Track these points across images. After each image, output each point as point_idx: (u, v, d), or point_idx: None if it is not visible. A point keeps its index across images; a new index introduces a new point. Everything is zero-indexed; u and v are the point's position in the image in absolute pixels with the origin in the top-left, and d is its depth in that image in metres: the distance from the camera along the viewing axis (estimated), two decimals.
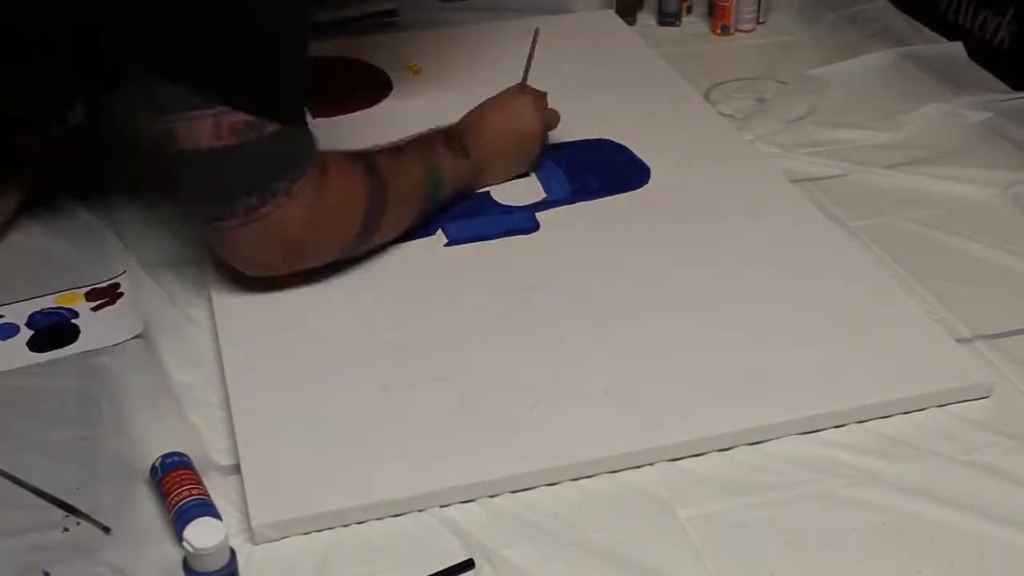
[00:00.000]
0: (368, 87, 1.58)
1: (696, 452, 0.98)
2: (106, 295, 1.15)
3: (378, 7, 1.83)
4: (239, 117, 1.01)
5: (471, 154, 1.27)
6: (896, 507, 0.93)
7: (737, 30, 1.81)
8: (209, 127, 1.01)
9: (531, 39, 1.35)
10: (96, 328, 1.11)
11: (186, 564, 0.81)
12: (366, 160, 1.15)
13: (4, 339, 1.09)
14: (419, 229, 1.24)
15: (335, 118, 1.49)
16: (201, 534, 0.80)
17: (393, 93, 1.57)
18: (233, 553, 0.82)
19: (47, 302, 1.14)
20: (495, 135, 1.30)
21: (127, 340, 1.09)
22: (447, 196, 1.26)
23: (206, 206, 1.08)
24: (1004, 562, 0.89)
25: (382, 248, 1.21)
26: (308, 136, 1.09)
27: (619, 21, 1.80)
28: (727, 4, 1.78)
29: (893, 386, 1.04)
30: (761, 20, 1.83)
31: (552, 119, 1.36)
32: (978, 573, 0.88)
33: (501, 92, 1.34)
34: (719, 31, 1.81)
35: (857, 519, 0.92)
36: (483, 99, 1.32)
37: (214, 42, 1.01)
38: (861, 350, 1.08)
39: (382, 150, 1.20)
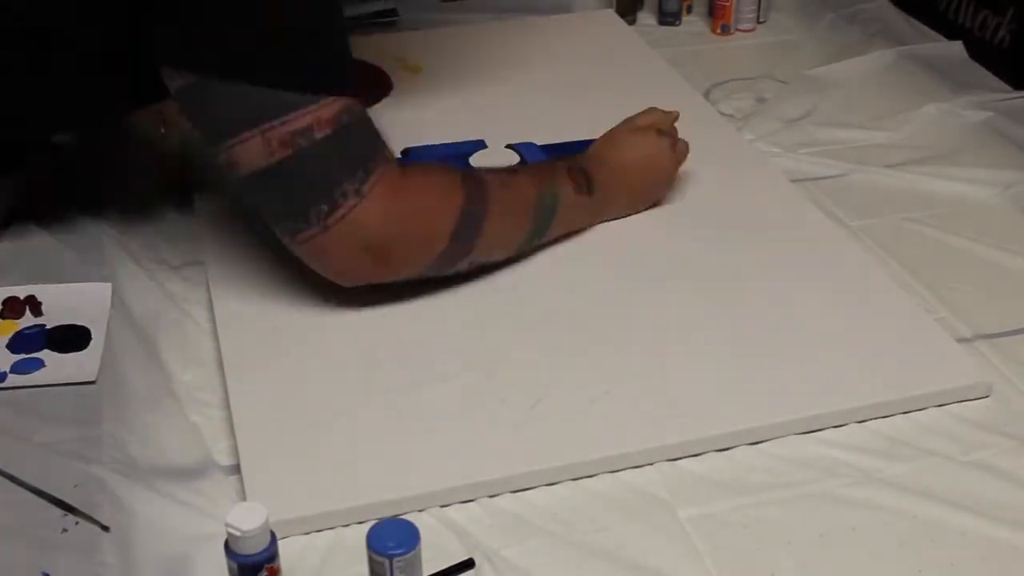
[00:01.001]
0: (368, 86, 1.58)
1: (696, 452, 0.98)
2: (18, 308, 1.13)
3: (378, 7, 1.83)
4: (287, 128, 0.99)
5: (594, 191, 1.21)
6: (896, 507, 0.93)
7: (737, 30, 1.81)
8: (260, 146, 1.00)
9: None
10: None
11: (227, 547, 0.81)
12: (466, 170, 1.11)
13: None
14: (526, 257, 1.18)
15: None
16: (243, 516, 0.80)
17: (393, 92, 1.57)
18: (274, 536, 0.82)
19: None
20: (627, 179, 1.24)
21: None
22: (560, 228, 1.20)
23: (282, 224, 1.06)
24: (1004, 562, 0.89)
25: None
26: (370, 136, 1.05)
27: (619, 21, 1.80)
28: (727, 4, 1.78)
29: (893, 386, 1.04)
30: (761, 20, 1.83)
31: (684, 151, 1.29)
32: (978, 573, 0.88)
33: (637, 124, 1.28)
34: (719, 31, 1.81)
35: (857, 519, 0.92)
36: (483, 99, 1.31)
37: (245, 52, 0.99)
38: (861, 350, 1.08)
39: (492, 167, 1.15)
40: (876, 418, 1.02)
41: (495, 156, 1.39)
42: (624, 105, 1.52)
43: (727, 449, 0.99)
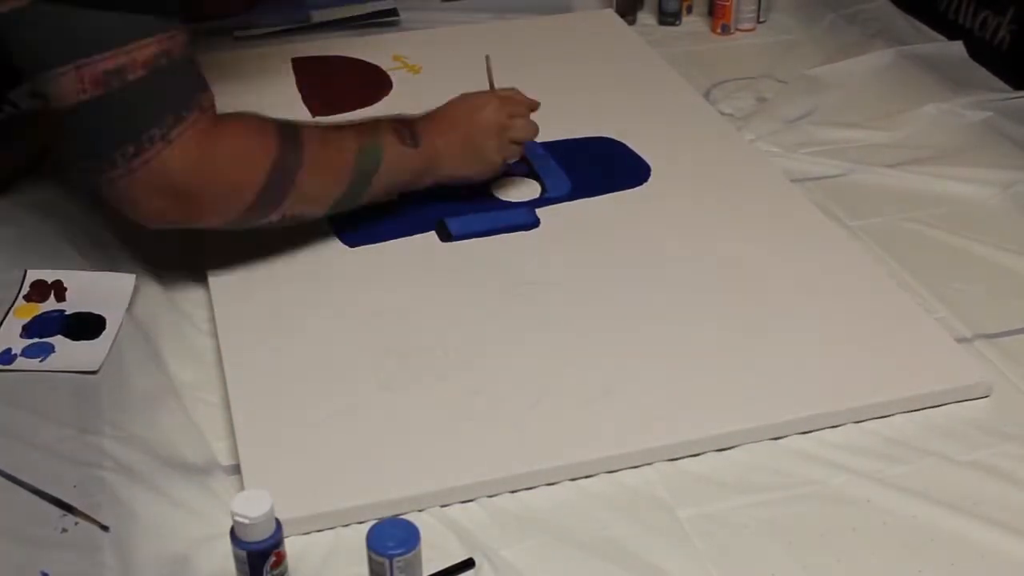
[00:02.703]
0: (367, 86, 1.58)
1: (695, 452, 0.98)
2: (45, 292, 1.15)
3: (378, 6, 1.83)
4: (100, 66, 0.99)
5: (420, 143, 1.21)
6: (896, 507, 0.93)
7: (737, 29, 1.81)
8: (73, 81, 1.00)
9: (486, 66, 1.33)
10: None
11: (233, 534, 0.81)
12: (284, 123, 1.11)
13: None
14: (350, 209, 1.19)
15: (335, 116, 1.49)
16: (248, 504, 0.81)
17: (392, 92, 1.57)
18: (279, 524, 0.83)
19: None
20: (446, 129, 1.24)
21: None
22: (385, 183, 1.19)
23: (88, 161, 1.05)
24: (1004, 562, 0.89)
25: (381, 246, 1.21)
26: (186, 81, 1.05)
27: (619, 20, 1.80)
28: (727, 3, 1.78)
29: (893, 386, 1.04)
30: (761, 19, 1.83)
31: (521, 128, 1.29)
32: (978, 573, 0.88)
33: (480, 91, 1.31)
34: (719, 30, 1.81)
35: (857, 519, 0.92)
36: None
37: None
38: (861, 350, 1.08)
39: (319, 123, 1.17)
40: (876, 418, 1.02)
41: None
42: (624, 104, 1.53)
43: (727, 449, 0.99)
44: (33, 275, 1.17)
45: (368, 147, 1.16)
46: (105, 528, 0.89)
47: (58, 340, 1.10)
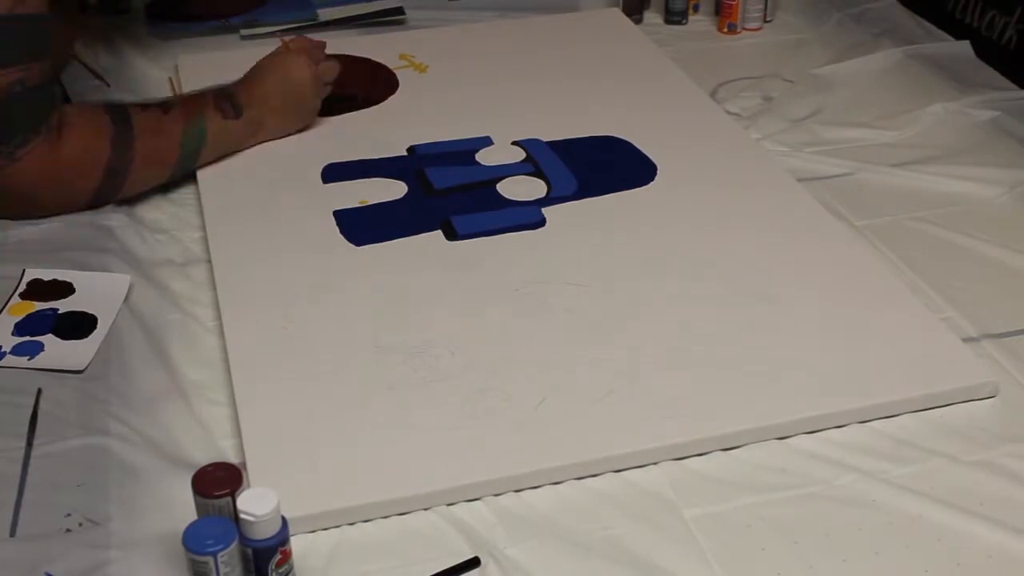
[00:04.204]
0: (374, 85, 1.58)
1: (701, 451, 0.98)
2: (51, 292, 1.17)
3: (385, 5, 1.83)
4: None
5: (243, 113, 1.34)
6: (902, 507, 0.93)
7: (744, 28, 1.81)
8: None
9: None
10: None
11: (240, 532, 0.82)
12: (118, 114, 1.24)
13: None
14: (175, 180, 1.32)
15: (341, 115, 1.49)
16: (254, 502, 0.82)
17: (400, 91, 1.57)
18: (285, 522, 0.83)
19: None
20: (267, 93, 1.37)
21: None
22: (211, 154, 1.34)
23: None
24: (1010, 562, 0.88)
25: (387, 245, 1.21)
26: (36, 106, 1.19)
27: (625, 19, 1.80)
28: (734, 3, 1.78)
29: (899, 386, 1.04)
30: (768, 19, 1.82)
31: (328, 70, 1.41)
32: (984, 573, 0.88)
33: (276, 50, 1.41)
34: (726, 29, 1.80)
35: (863, 519, 0.92)
36: (489, 97, 1.32)
37: None
38: (867, 349, 1.08)
39: (146, 105, 1.29)
40: (882, 418, 1.02)
41: (502, 154, 1.40)
42: (630, 103, 1.53)
43: (733, 448, 0.99)
44: (32, 274, 1.18)
45: (193, 129, 1.30)
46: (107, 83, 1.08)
47: (48, 339, 1.10)
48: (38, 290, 1.16)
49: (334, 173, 1.37)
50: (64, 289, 1.16)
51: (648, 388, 1.03)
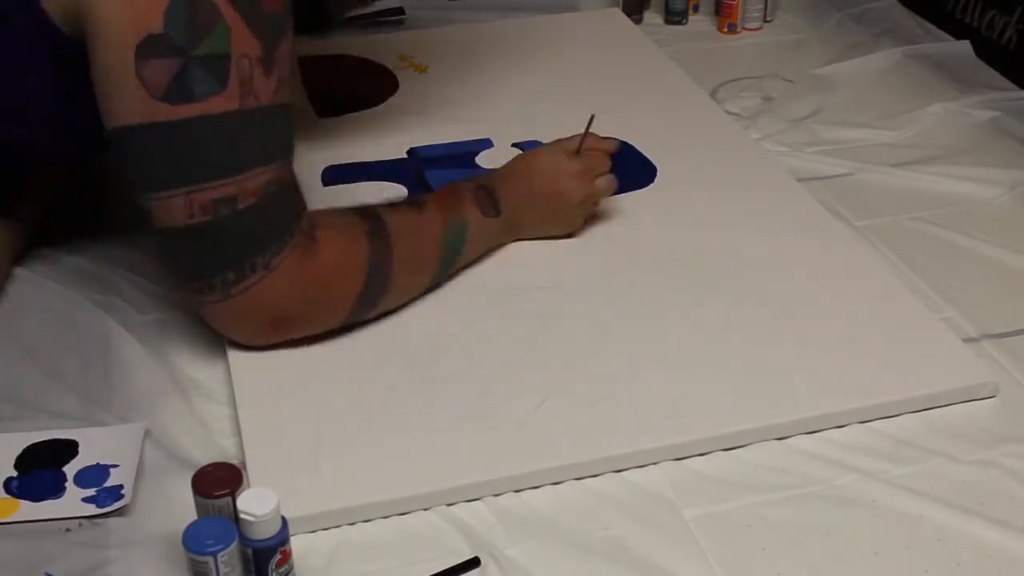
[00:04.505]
0: (374, 85, 1.58)
1: (701, 451, 0.98)
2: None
3: (385, 5, 1.83)
4: (211, 194, 0.97)
5: (501, 211, 1.19)
6: (902, 507, 0.93)
7: (744, 28, 1.81)
8: (182, 205, 0.97)
9: (587, 121, 1.24)
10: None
11: (240, 532, 0.82)
12: (371, 218, 1.08)
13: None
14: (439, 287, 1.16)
15: (342, 116, 1.49)
16: (254, 502, 0.82)
17: (399, 92, 1.57)
18: (285, 522, 0.83)
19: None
20: (530, 197, 1.21)
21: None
22: (470, 256, 1.18)
23: (187, 282, 1.04)
24: (1010, 562, 0.88)
25: None
26: (290, 206, 1.03)
27: (625, 19, 1.80)
28: (734, 3, 1.78)
29: (899, 386, 1.04)
30: (768, 19, 1.82)
31: (601, 190, 1.24)
32: (984, 573, 0.88)
33: (552, 147, 1.25)
34: (726, 29, 1.81)
35: (863, 519, 0.92)
36: (489, 98, 1.31)
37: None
38: (867, 349, 1.08)
39: (398, 204, 1.14)
40: (882, 418, 1.02)
41: (501, 155, 1.39)
42: (630, 103, 1.53)
43: (733, 449, 0.99)
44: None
45: (454, 227, 1.14)
46: None
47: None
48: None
49: (334, 176, 1.37)
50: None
51: (648, 388, 1.03)
